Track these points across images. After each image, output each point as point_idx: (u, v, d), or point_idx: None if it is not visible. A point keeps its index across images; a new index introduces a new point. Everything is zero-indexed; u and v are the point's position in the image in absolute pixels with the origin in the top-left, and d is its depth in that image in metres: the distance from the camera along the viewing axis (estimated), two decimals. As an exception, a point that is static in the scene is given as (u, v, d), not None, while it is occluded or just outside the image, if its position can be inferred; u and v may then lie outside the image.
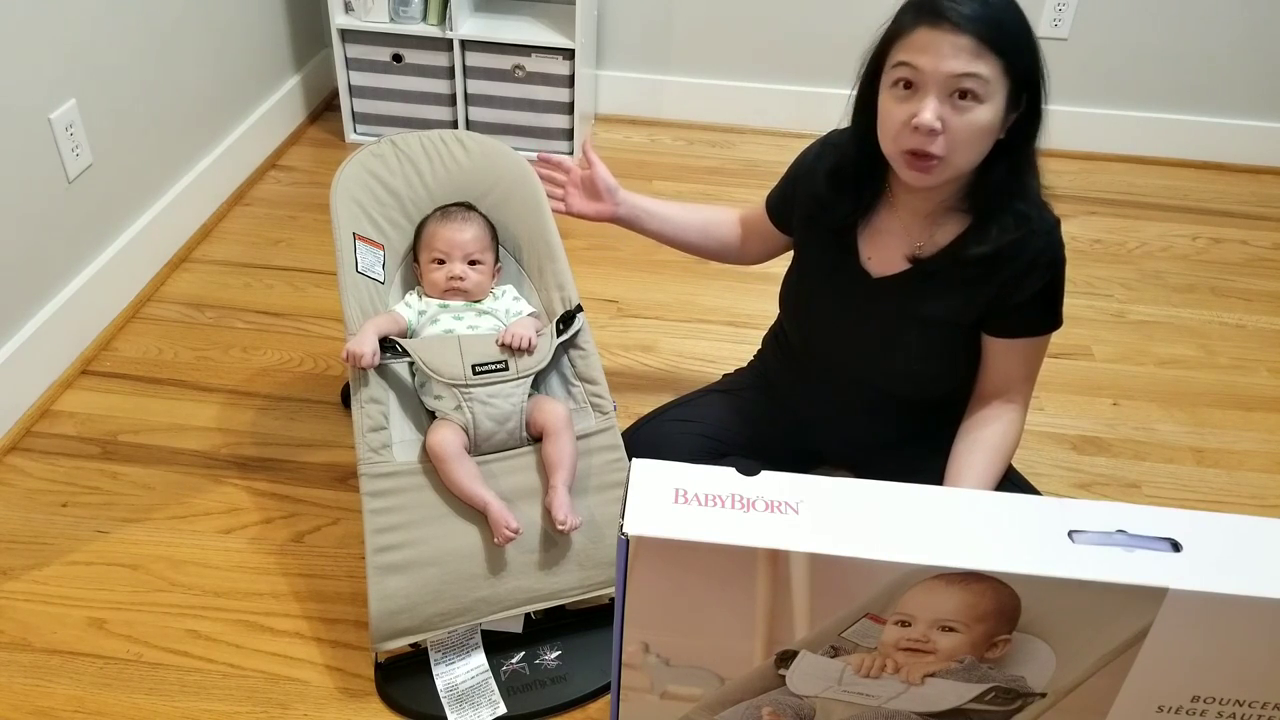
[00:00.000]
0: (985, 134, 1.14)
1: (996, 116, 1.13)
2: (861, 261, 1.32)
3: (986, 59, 1.09)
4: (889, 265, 1.30)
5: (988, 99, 1.11)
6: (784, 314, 1.49)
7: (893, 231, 1.29)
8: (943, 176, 1.17)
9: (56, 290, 1.79)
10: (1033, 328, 1.28)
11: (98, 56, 1.83)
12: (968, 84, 1.10)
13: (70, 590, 1.41)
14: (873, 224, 1.31)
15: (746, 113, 2.85)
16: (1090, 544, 0.72)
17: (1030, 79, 1.14)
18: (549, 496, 1.29)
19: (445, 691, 1.27)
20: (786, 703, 0.82)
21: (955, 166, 1.15)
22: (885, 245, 1.30)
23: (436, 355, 1.35)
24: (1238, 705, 0.77)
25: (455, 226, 1.48)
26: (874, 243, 1.31)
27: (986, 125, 1.13)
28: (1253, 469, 1.75)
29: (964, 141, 1.13)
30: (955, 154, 1.14)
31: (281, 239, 2.25)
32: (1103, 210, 2.55)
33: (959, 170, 1.17)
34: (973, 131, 1.12)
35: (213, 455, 1.65)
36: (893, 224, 1.29)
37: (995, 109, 1.12)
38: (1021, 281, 1.23)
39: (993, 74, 1.10)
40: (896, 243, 1.29)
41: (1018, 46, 1.12)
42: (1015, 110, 1.15)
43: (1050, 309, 1.27)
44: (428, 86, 2.58)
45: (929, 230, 1.27)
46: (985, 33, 1.09)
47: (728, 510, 0.74)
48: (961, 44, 1.09)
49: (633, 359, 1.94)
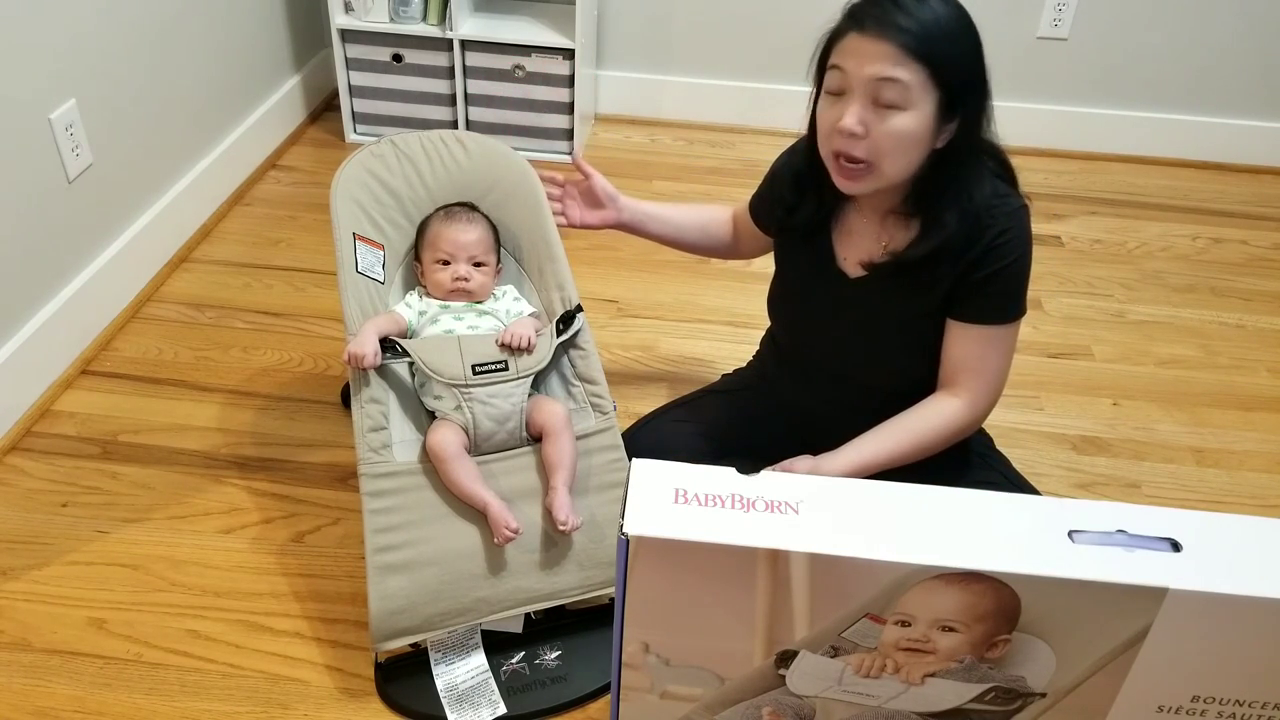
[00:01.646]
0: (911, 141, 1.13)
1: (922, 125, 1.13)
2: (838, 262, 1.33)
3: (908, 65, 1.10)
4: (860, 266, 1.31)
5: (909, 106, 1.11)
6: (771, 317, 1.50)
7: (862, 232, 1.30)
8: (871, 184, 1.17)
9: (56, 290, 1.79)
10: (988, 313, 1.24)
11: (97, 56, 1.83)
12: (886, 90, 1.10)
13: (70, 590, 1.41)
14: (845, 225, 1.32)
15: (746, 113, 2.85)
16: (1090, 544, 0.72)
17: (964, 89, 1.13)
18: (549, 497, 1.29)
19: (445, 691, 1.27)
20: (787, 703, 0.82)
21: (884, 174, 1.16)
22: (856, 246, 1.31)
23: (436, 355, 1.35)
24: (1238, 705, 0.77)
25: (460, 227, 1.48)
26: (846, 243, 1.32)
27: (909, 132, 1.12)
28: (1253, 469, 1.75)
29: (888, 149, 1.13)
30: (882, 160, 1.14)
31: (281, 239, 2.25)
32: (1103, 210, 2.55)
33: (889, 178, 1.17)
34: (895, 138, 1.13)
35: (213, 455, 1.65)
36: (861, 225, 1.30)
37: (920, 117, 1.12)
38: (979, 263, 1.21)
39: (915, 81, 1.10)
40: (863, 243, 1.30)
41: (947, 55, 1.11)
42: (950, 120, 1.15)
43: (1006, 295, 1.24)
44: (428, 86, 2.58)
45: (889, 232, 1.27)
46: (908, 40, 1.09)
47: (728, 510, 0.74)
48: (884, 50, 1.10)
49: (633, 359, 1.94)
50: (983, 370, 1.27)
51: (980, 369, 1.26)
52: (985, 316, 1.24)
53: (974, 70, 1.14)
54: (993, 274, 1.21)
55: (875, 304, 1.30)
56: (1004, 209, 1.21)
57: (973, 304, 1.24)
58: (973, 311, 1.25)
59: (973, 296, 1.24)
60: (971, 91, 1.14)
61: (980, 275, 1.21)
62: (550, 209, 1.55)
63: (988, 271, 1.21)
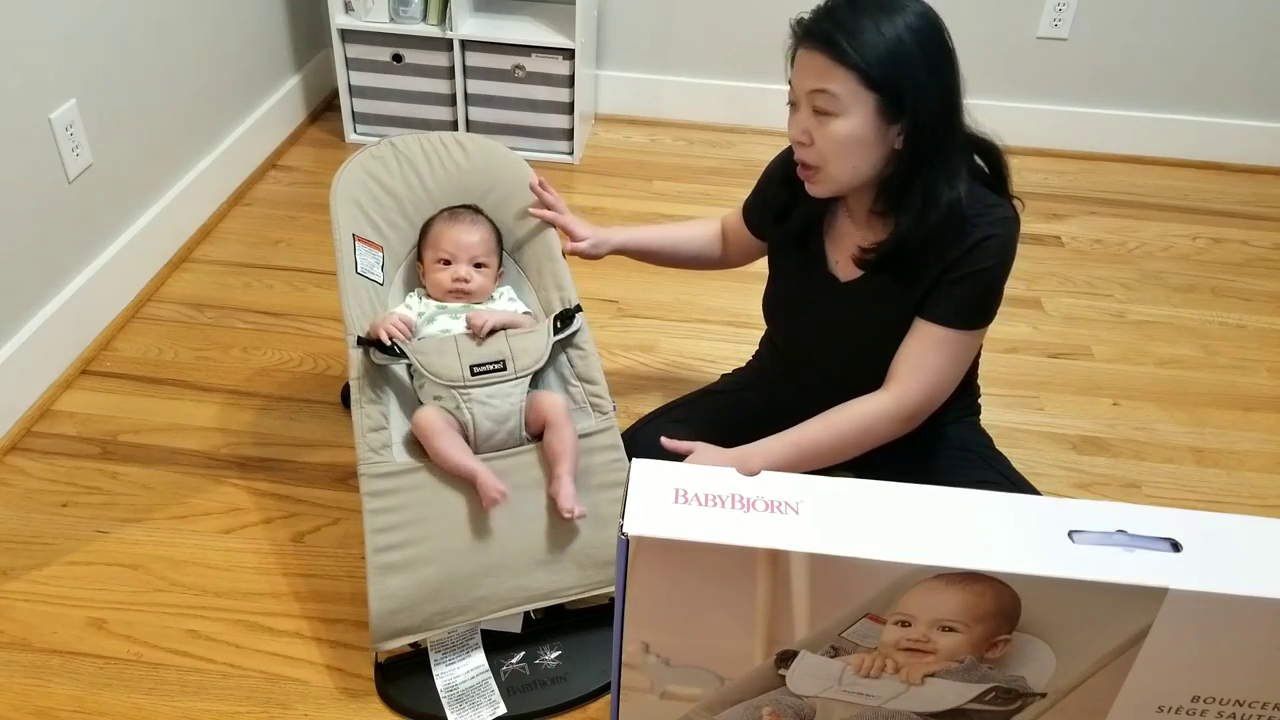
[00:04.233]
0: (852, 144, 1.17)
1: (861, 128, 1.16)
2: (829, 265, 1.35)
3: (835, 74, 1.14)
4: (849, 269, 1.32)
5: (843, 112, 1.16)
6: (767, 320, 1.52)
7: (849, 234, 1.32)
8: (827, 186, 1.23)
9: (56, 290, 1.79)
10: (946, 314, 1.23)
11: (97, 56, 1.83)
12: (818, 100, 1.16)
13: (70, 590, 1.41)
14: (835, 228, 1.34)
15: (746, 113, 2.85)
16: (1090, 544, 0.72)
17: (906, 90, 1.14)
18: (554, 486, 1.29)
19: (445, 691, 1.27)
20: (787, 703, 0.82)
21: (832, 176, 1.21)
22: (844, 248, 1.33)
23: (434, 356, 1.35)
24: (1238, 705, 0.77)
25: (463, 228, 1.49)
26: (837, 246, 1.34)
27: (847, 136, 1.17)
28: (1253, 469, 1.75)
29: (830, 153, 1.19)
30: (828, 164, 1.20)
31: (281, 239, 2.25)
32: (1103, 210, 2.55)
33: (839, 179, 1.21)
34: (834, 143, 1.18)
35: (213, 455, 1.65)
36: (848, 227, 1.32)
37: (857, 121, 1.16)
38: (959, 262, 1.21)
39: (844, 89, 1.14)
40: (852, 245, 1.31)
41: (878, 61, 1.13)
42: (895, 121, 1.16)
43: (969, 301, 1.23)
44: (428, 86, 2.58)
45: (871, 232, 1.29)
46: (834, 52, 1.14)
47: (728, 510, 0.74)
48: (815, 61, 1.16)
49: (633, 359, 1.94)
50: (920, 368, 1.25)
51: (919, 366, 1.25)
52: (942, 317, 1.24)
53: (919, 72, 1.14)
54: (962, 276, 1.22)
55: (865, 305, 1.31)
56: (990, 216, 1.21)
57: (935, 303, 1.24)
58: (933, 310, 1.25)
59: (938, 295, 1.24)
60: (919, 92, 1.14)
61: (952, 276, 1.22)
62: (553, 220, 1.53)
63: (959, 274, 1.22)
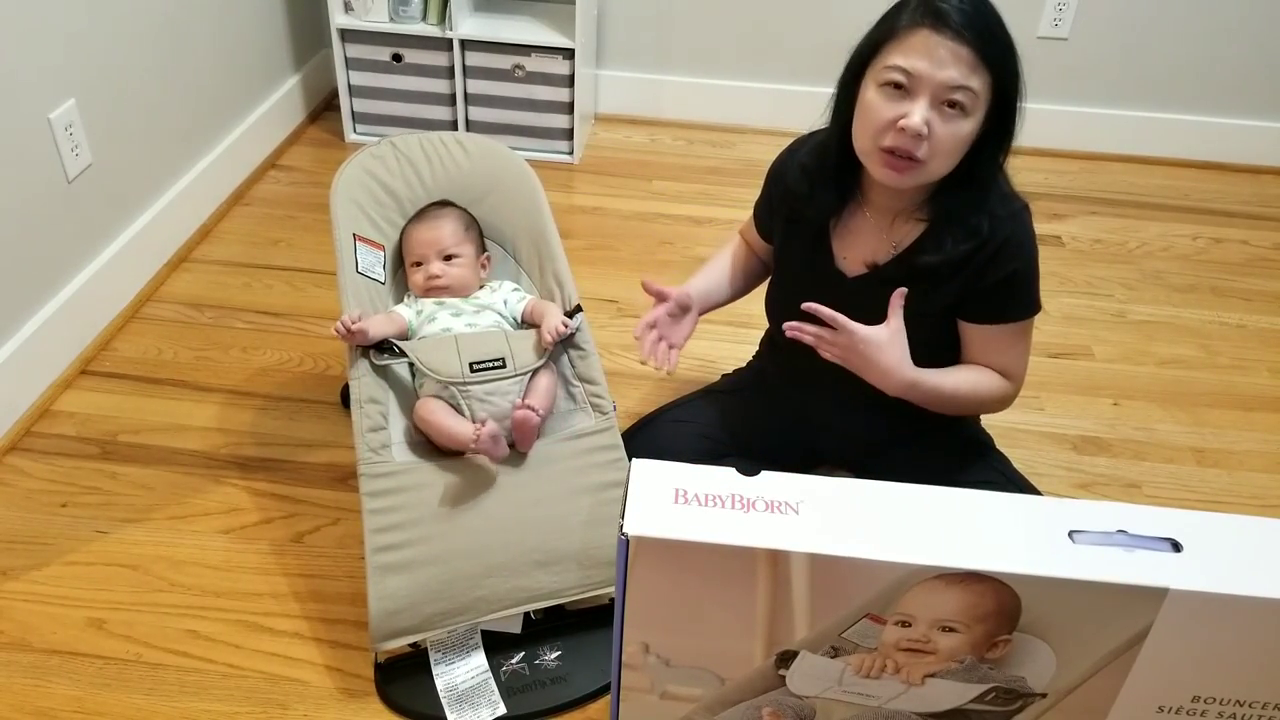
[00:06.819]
0: (964, 145, 1.16)
1: (975, 130, 1.15)
2: (837, 262, 1.34)
3: (980, 73, 1.11)
4: (860, 266, 1.31)
5: (973, 113, 1.13)
6: (769, 318, 1.50)
7: (864, 231, 1.31)
8: (917, 180, 1.18)
9: (56, 290, 1.79)
10: (1005, 313, 1.26)
11: (97, 56, 1.83)
12: (959, 96, 1.11)
13: (70, 590, 1.41)
14: (846, 224, 1.33)
15: (746, 113, 2.85)
16: (1090, 544, 0.72)
17: (1010, 98, 1.15)
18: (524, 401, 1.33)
19: (445, 692, 1.27)
20: (787, 703, 0.82)
21: (931, 173, 1.17)
22: (856, 245, 1.31)
23: (434, 354, 1.35)
24: (1238, 705, 0.77)
25: (427, 225, 1.50)
26: (846, 242, 1.33)
27: (967, 138, 1.14)
28: (1253, 469, 1.75)
29: (945, 150, 1.15)
30: (934, 160, 1.15)
31: (281, 239, 2.25)
32: (1103, 210, 2.55)
33: (933, 177, 1.18)
34: (955, 142, 1.14)
35: (213, 455, 1.65)
36: (863, 224, 1.31)
37: (977, 123, 1.14)
38: (986, 269, 1.22)
39: (982, 89, 1.12)
40: (866, 243, 1.30)
41: (1008, 65, 1.13)
42: (987, 127, 1.16)
43: (1021, 294, 1.26)
44: (428, 86, 2.58)
45: (894, 233, 1.28)
46: (983, 46, 1.09)
47: (728, 510, 0.74)
48: (961, 54, 1.10)
49: (633, 359, 1.94)
50: (1016, 358, 1.30)
51: (1012, 357, 1.30)
52: (1006, 316, 1.27)
53: (1019, 80, 1.15)
54: (1005, 278, 1.23)
55: (873, 304, 1.30)
56: (1007, 212, 1.22)
57: (992, 307, 1.26)
58: (993, 313, 1.26)
59: (990, 300, 1.25)
60: (1016, 102, 1.16)
61: (993, 280, 1.23)
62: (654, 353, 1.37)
63: (1000, 276, 1.22)
